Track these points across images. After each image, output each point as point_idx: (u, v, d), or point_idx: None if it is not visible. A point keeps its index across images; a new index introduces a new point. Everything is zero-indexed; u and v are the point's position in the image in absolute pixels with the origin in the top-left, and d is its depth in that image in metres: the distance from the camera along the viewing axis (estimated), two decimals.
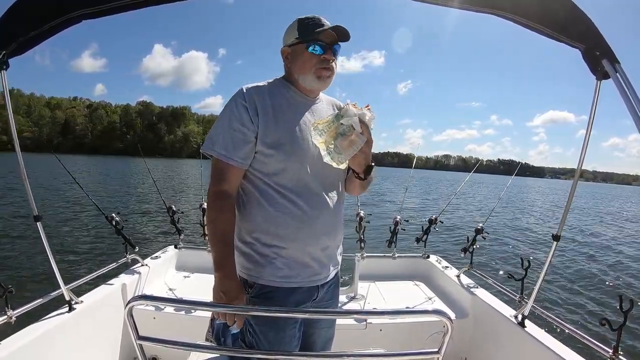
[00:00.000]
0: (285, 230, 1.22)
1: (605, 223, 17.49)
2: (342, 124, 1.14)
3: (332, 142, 1.16)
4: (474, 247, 2.71)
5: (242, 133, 1.19)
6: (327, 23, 1.25)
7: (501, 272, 6.63)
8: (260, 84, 1.29)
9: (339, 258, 1.43)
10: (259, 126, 1.20)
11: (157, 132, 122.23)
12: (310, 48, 1.23)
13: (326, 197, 1.28)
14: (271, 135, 1.20)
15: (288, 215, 1.22)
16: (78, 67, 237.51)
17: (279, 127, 1.22)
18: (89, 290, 2.16)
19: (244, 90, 1.24)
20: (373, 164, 1.30)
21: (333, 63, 1.27)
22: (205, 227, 3.02)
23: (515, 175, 3.57)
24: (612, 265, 8.38)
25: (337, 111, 1.19)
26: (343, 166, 1.24)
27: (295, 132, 1.24)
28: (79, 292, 2.05)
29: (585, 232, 13.55)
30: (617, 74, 1.31)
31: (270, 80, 1.33)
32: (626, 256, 9.65)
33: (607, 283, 6.93)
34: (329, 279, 1.36)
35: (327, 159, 1.18)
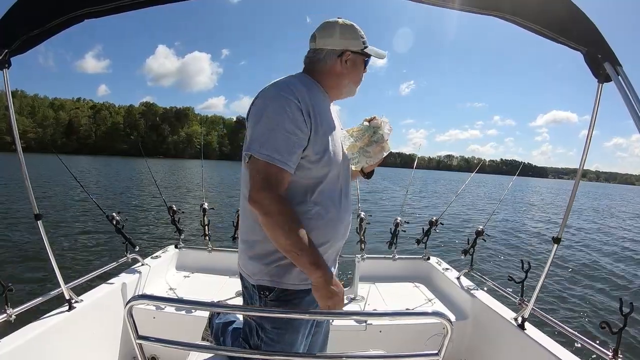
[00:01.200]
0: (316, 235, 1.17)
1: (606, 225, 17.46)
2: (375, 133, 1.31)
3: (365, 147, 1.30)
4: (474, 249, 2.71)
5: (297, 136, 1.11)
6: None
7: (501, 275, 6.61)
8: (296, 80, 1.22)
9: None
10: (311, 130, 1.14)
11: (160, 132, 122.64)
12: (368, 64, 1.31)
13: (348, 200, 1.32)
14: (320, 141, 1.16)
15: (320, 221, 1.20)
16: (81, 67, 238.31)
17: (325, 132, 1.19)
18: (89, 289, 2.16)
19: (293, 89, 1.14)
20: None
21: None
22: (207, 226, 3.03)
23: (518, 175, 3.56)
24: (612, 268, 8.36)
25: (365, 122, 1.33)
26: (359, 168, 1.36)
27: (335, 139, 1.24)
28: (79, 291, 2.05)
29: (585, 235, 13.52)
30: (619, 77, 1.31)
31: (297, 77, 1.26)
32: (627, 259, 9.63)
33: (607, 286, 6.91)
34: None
35: (354, 161, 1.31)
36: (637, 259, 9.81)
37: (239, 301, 2.18)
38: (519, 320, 2.02)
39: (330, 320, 2.25)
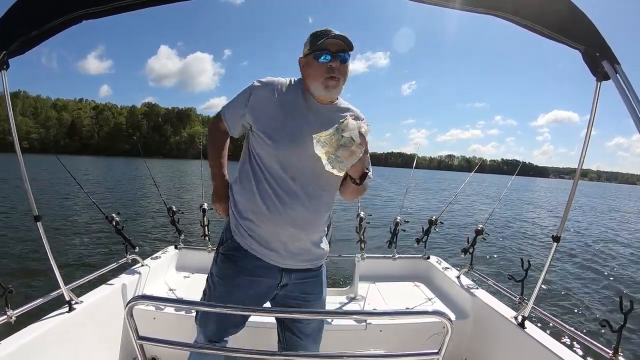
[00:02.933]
0: (261, 209, 1.37)
1: (606, 224, 17.47)
2: (343, 136, 1.22)
3: (334, 152, 1.24)
4: (474, 248, 2.71)
5: (237, 102, 1.44)
6: (332, 33, 1.32)
7: (501, 273, 6.62)
8: (282, 79, 1.43)
9: (318, 254, 1.52)
10: (249, 107, 1.40)
11: (162, 133, 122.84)
12: (320, 58, 1.33)
13: (308, 194, 1.39)
14: (265, 124, 1.37)
15: (268, 198, 1.37)
16: (84, 68, 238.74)
17: (276, 120, 1.36)
18: (89, 290, 2.16)
19: (266, 80, 1.42)
20: (368, 171, 1.38)
21: (340, 71, 1.35)
22: (206, 226, 3.03)
23: (519, 175, 3.56)
24: (612, 267, 8.37)
25: (337, 124, 1.24)
26: (342, 173, 1.30)
27: (292, 130, 1.36)
28: (79, 292, 2.05)
29: (585, 233, 13.53)
30: (617, 75, 1.31)
31: (295, 79, 1.45)
32: (627, 257, 9.64)
33: (607, 284, 6.92)
34: (299, 268, 1.48)
35: (328, 167, 1.26)
36: (637, 256, 9.82)
37: None
38: (519, 318, 2.02)
39: (330, 320, 2.26)
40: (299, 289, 1.50)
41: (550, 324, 1.99)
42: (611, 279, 7.32)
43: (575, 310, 5.46)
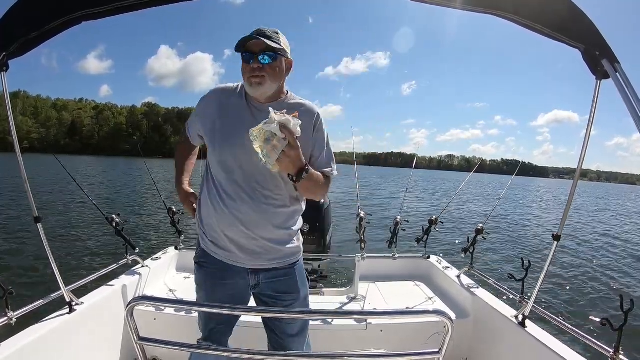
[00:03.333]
0: (208, 212, 1.47)
1: (606, 223, 17.47)
2: (266, 131, 1.19)
3: (262, 147, 1.21)
4: (475, 247, 2.71)
5: (194, 115, 1.57)
6: (265, 33, 1.35)
7: (502, 273, 6.62)
8: (230, 85, 1.54)
9: (284, 253, 1.51)
10: (198, 115, 1.52)
11: (163, 133, 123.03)
12: (244, 59, 1.37)
13: (251, 193, 1.41)
14: (206, 127, 1.48)
15: (215, 200, 1.44)
16: (84, 68, 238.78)
17: (213, 122, 1.45)
18: (90, 291, 2.16)
19: (210, 90, 1.54)
20: (307, 167, 1.33)
21: (264, 70, 1.35)
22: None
23: (519, 175, 3.56)
24: (613, 265, 8.37)
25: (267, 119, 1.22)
26: (276, 169, 1.27)
27: (226, 130, 1.43)
28: (80, 293, 2.04)
29: (586, 232, 13.54)
30: (617, 73, 1.31)
31: (240, 84, 1.50)
32: (627, 256, 9.65)
33: (607, 283, 6.92)
34: (266, 268, 1.49)
35: (263, 162, 1.24)
36: (637, 255, 9.82)
37: None
38: (520, 318, 2.01)
39: (330, 320, 2.26)
40: (271, 288, 1.52)
41: (551, 323, 1.99)
42: (612, 277, 7.32)
43: (576, 309, 5.46)
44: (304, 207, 1.58)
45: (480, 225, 2.74)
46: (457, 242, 8.87)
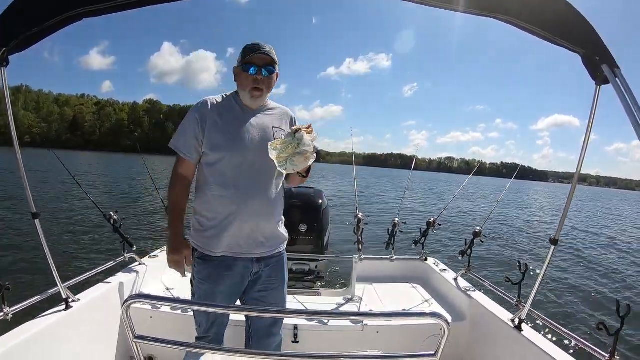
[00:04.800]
0: (217, 210, 1.57)
1: (604, 228, 17.51)
2: (299, 145, 1.46)
3: (290, 157, 1.48)
4: (472, 250, 2.71)
5: (188, 134, 1.59)
6: (261, 48, 1.53)
7: (499, 276, 6.62)
8: (215, 97, 1.65)
9: (280, 240, 1.72)
10: (204, 130, 1.56)
11: (164, 130, 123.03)
12: (248, 70, 1.55)
13: (259, 188, 1.59)
14: (215, 135, 1.56)
15: (225, 197, 1.55)
16: (86, 64, 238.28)
17: (223, 130, 1.57)
18: (86, 288, 2.15)
19: (199, 104, 1.61)
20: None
21: (264, 83, 1.57)
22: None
23: (519, 179, 3.56)
24: (609, 270, 8.38)
25: (292, 134, 1.49)
26: (290, 171, 1.53)
27: (238, 136, 1.57)
28: (76, 290, 2.04)
29: (583, 237, 13.56)
30: (617, 79, 1.31)
31: (227, 94, 1.67)
32: (624, 261, 9.67)
33: (604, 287, 6.93)
34: (266, 256, 1.66)
35: (281, 168, 1.50)
36: (634, 260, 9.84)
37: None
38: (516, 321, 2.02)
39: (327, 321, 2.26)
40: (266, 274, 1.68)
41: (547, 327, 1.99)
42: (608, 282, 7.34)
43: (572, 313, 5.47)
44: None
45: (478, 228, 2.74)
46: (454, 244, 8.88)
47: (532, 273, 2.09)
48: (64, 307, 1.87)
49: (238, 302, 1.68)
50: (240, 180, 1.56)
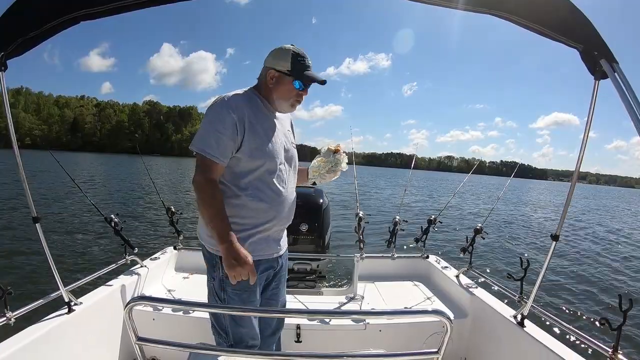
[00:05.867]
0: (259, 215, 1.52)
1: (605, 223, 17.51)
2: (336, 164, 1.74)
3: (323, 173, 1.74)
4: (473, 247, 2.71)
5: (225, 135, 1.44)
6: (311, 65, 1.54)
7: (500, 272, 6.62)
8: (238, 93, 1.53)
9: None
10: (244, 133, 1.46)
11: (164, 131, 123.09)
12: (296, 84, 1.52)
13: (290, 188, 1.63)
14: (255, 137, 1.48)
15: (272, 201, 1.54)
16: (86, 65, 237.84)
17: (261, 133, 1.51)
18: (88, 291, 2.15)
19: (231, 102, 1.46)
20: None
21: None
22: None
23: (518, 177, 3.56)
24: (611, 265, 8.39)
25: (331, 154, 1.75)
26: (311, 182, 1.78)
27: (275, 140, 1.56)
28: (78, 293, 2.04)
29: (584, 232, 13.56)
30: (615, 73, 1.31)
31: (246, 91, 1.57)
32: (626, 255, 9.67)
33: (606, 283, 6.93)
34: (283, 252, 1.72)
35: (310, 180, 1.75)
36: (636, 255, 9.84)
37: None
38: (518, 317, 2.02)
39: (329, 320, 2.26)
40: (282, 269, 1.74)
41: (550, 323, 1.99)
42: (610, 277, 7.34)
43: (575, 309, 5.47)
44: None
45: (479, 225, 2.74)
46: (456, 242, 8.88)
47: (533, 269, 2.09)
48: (66, 310, 1.87)
49: None
50: (275, 186, 1.54)
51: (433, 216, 3.11)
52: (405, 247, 4.59)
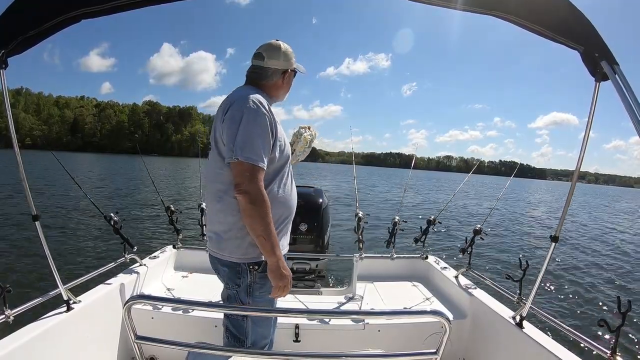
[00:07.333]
0: (278, 212, 1.53)
1: (604, 224, 17.52)
2: (311, 140, 1.97)
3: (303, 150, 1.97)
4: (472, 247, 2.71)
5: (268, 141, 1.46)
6: None
7: (499, 273, 6.63)
8: (260, 96, 1.50)
9: None
10: (275, 136, 1.51)
11: (164, 131, 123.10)
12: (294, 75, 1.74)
13: (294, 183, 1.70)
14: (278, 142, 1.53)
15: (287, 200, 1.59)
16: (86, 65, 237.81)
17: (280, 135, 1.56)
18: (87, 289, 2.15)
19: (265, 109, 1.46)
20: None
21: None
22: (205, 226, 3.02)
23: (518, 177, 3.57)
24: (610, 266, 8.39)
25: (301, 129, 1.99)
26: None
27: (284, 138, 1.61)
28: (77, 291, 2.04)
29: (583, 234, 13.56)
30: (616, 75, 1.31)
31: (258, 91, 1.56)
32: (624, 257, 9.67)
33: (605, 284, 6.94)
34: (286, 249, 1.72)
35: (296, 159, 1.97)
36: (635, 257, 9.85)
37: None
38: (517, 318, 2.02)
39: (328, 320, 2.26)
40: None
41: (548, 324, 1.99)
42: (610, 278, 7.34)
43: (573, 310, 5.47)
44: None
45: (479, 226, 2.74)
46: (455, 242, 8.88)
47: (533, 270, 2.09)
48: (65, 308, 1.87)
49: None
50: (288, 181, 1.62)
51: (432, 216, 3.11)
52: (404, 247, 4.60)
